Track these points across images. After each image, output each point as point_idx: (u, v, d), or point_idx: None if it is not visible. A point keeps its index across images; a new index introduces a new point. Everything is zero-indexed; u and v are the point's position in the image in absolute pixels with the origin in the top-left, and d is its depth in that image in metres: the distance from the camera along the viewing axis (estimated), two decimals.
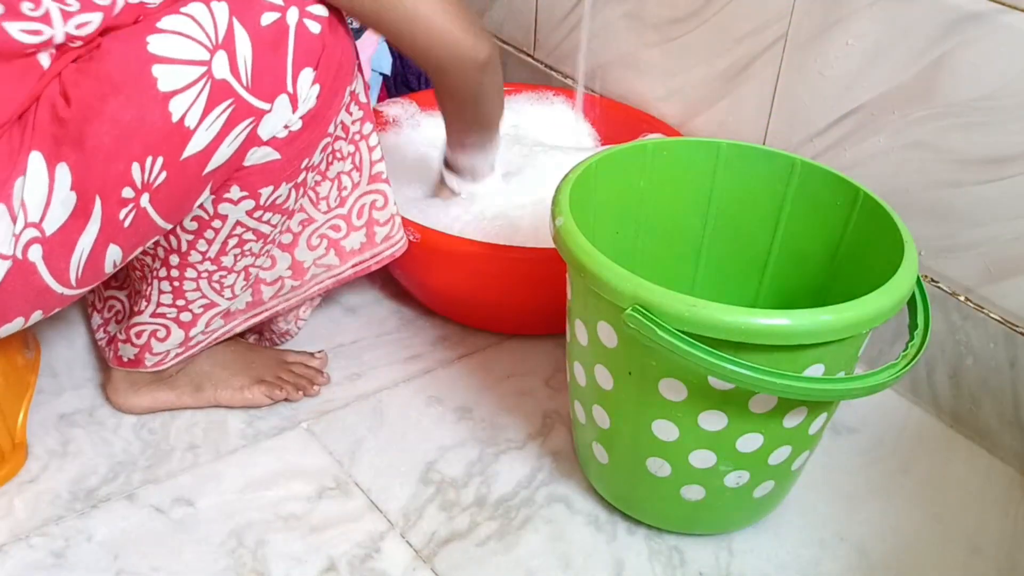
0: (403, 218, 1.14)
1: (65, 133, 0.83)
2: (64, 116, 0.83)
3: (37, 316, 0.91)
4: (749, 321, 0.77)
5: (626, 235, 1.06)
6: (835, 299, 0.81)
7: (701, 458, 0.88)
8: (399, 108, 1.40)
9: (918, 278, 0.87)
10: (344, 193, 1.07)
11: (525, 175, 1.29)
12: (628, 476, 0.95)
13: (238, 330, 1.10)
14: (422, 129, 1.37)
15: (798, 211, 1.02)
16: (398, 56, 1.60)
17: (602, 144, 1.42)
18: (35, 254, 0.85)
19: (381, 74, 1.53)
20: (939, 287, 1.11)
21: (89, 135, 0.83)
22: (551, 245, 0.92)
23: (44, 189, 0.84)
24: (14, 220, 0.84)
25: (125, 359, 1.07)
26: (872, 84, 1.10)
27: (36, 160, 0.83)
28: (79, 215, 0.86)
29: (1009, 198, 1.03)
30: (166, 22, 0.84)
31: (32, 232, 0.84)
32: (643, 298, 0.79)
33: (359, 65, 1.00)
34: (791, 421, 0.86)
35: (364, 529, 0.99)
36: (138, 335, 1.05)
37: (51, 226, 0.85)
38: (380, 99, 1.55)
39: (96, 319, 1.17)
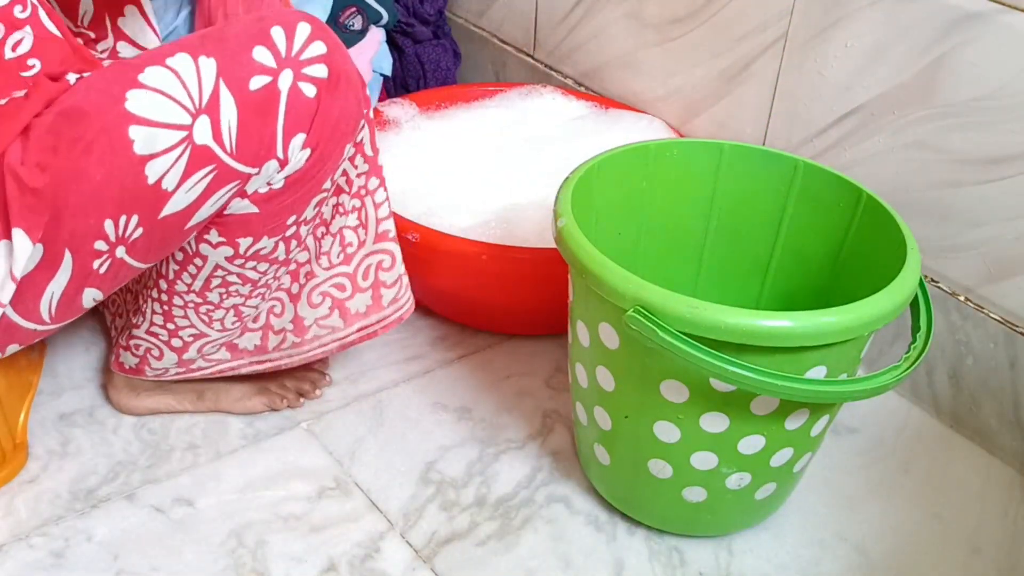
0: (404, 219, 1.14)
1: (40, 202, 0.79)
2: (37, 186, 0.79)
3: (14, 348, 0.90)
4: (750, 323, 0.77)
5: (628, 236, 1.06)
6: (838, 300, 0.81)
7: (703, 460, 0.89)
8: (399, 109, 1.40)
9: (921, 280, 0.87)
10: (349, 250, 1.02)
11: (525, 173, 1.29)
12: (629, 477, 0.95)
13: (243, 371, 1.08)
14: (422, 132, 1.37)
15: (801, 212, 1.02)
16: (398, 58, 1.60)
17: (605, 108, 1.42)
18: (2, 298, 0.83)
19: (381, 75, 1.53)
20: (939, 287, 1.12)
21: (60, 194, 0.79)
22: (551, 245, 0.92)
23: (26, 255, 0.80)
24: None
25: (127, 366, 1.07)
26: (872, 84, 1.10)
27: (20, 236, 0.79)
28: (46, 266, 0.82)
29: (1009, 198, 1.03)
30: (148, 75, 0.79)
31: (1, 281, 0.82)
32: (644, 299, 0.79)
33: (367, 114, 0.94)
34: (793, 423, 0.86)
35: (364, 529, 0.99)
36: (136, 347, 1.05)
37: (17, 272, 0.82)
38: (380, 99, 1.55)
39: (106, 313, 1.17)
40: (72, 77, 0.85)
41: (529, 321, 1.25)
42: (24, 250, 0.81)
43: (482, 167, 1.30)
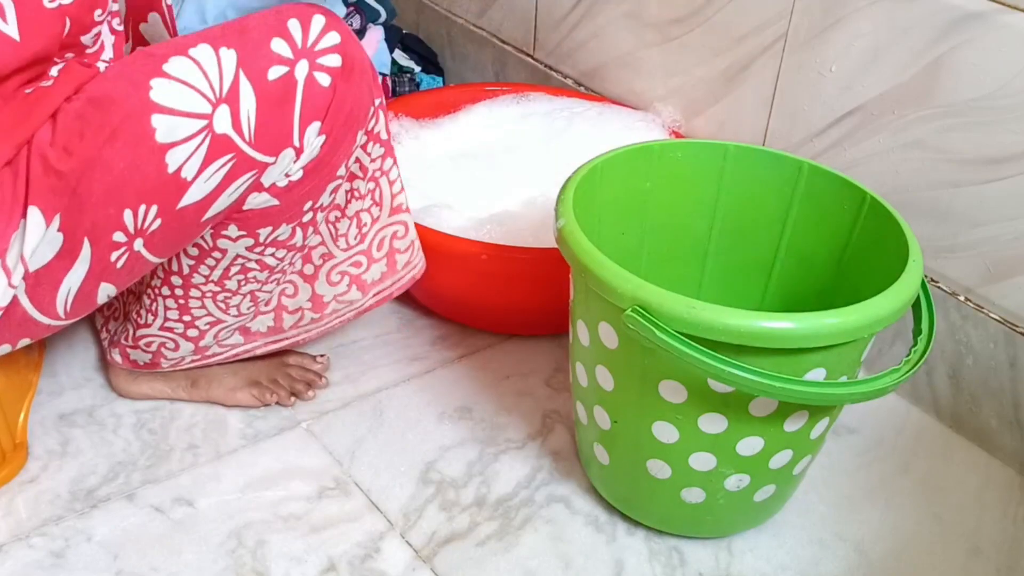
0: None
1: (63, 184, 0.81)
2: (62, 168, 0.81)
3: (24, 342, 0.91)
4: (749, 323, 0.77)
5: (631, 236, 1.06)
6: (841, 302, 0.81)
7: (701, 461, 0.88)
8: (396, 126, 1.39)
9: (923, 282, 0.87)
10: (364, 229, 1.05)
11: (526, 173, 1.29)
12: (629, 478, 0.96)
13: (258, 352, 1.10)
14: (422, 132, 1.37)
15: (804, 214, 1.02)
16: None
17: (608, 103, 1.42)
18: (19, 288, 0.84)
19: (381, 74, 1.53)
20: (939, 287, 1.11)
21: (83, 182, 0.81)
22: (551, 245, 0.92)
23: (38, 238, 0.82)
24: (8, 275, 0.83)
25: (141, 363, 1.08)
26: (872, 84, 1.10)
27: (35, 215, 0.81)
28: (65, 256, 0.84)
29: (1009, 198, 1.03)
30: (172, 65, 0.82)
31: (20, 268, 0.83)
32: (643, 299, 0.79)
33: (380, 103, 0.96)
34: (792, 425, 0.86)
35: (364, 529, 0.99)
36: (148, 345, 1.05)
37: (35, 263, 0.83)
38: None
39: (98, 318, 1.17)
40: (102, 64, 0.87)
41: (529, 321, 1.25)
42: (36, 230, 0.82)
43: (482, 167, 1.30)
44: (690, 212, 1.07)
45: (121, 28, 0.94)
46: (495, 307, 1.23)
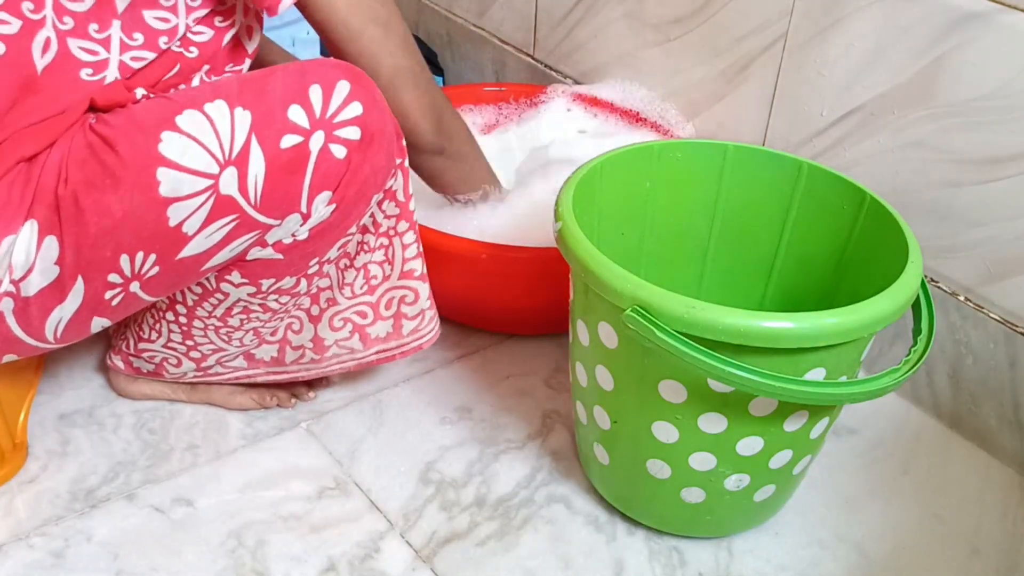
0: None
1: (58, 208, 0.81)
2: (60, 193, 0.81)
3: (10, 358, 0.91)
4: (748, 323, 0.77)
5: (632, 237, 1.06)
6: (841, 302, 0.81)
7: (701, 460, 0.88)
8: None
9: (923, 282, 0.87)
10: (373, 283, 1.02)
11: (526, 172, 1.29)
12: (628, 477, 0.96)
13: (259, 380, 1.10)
14: None
15: (805, 214, 1.02)
16: None
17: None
18: (5, 306, 0.84)
19: None
20: (939, 287, 1.11)
21: (80, 220, 0.81)
22: (551, 245, 0.92)
23: (30, 254, 0.82)
24: None
25: (144, 371, 1.08)
26: (872, 84, 1.10)
27: (29, 227, 0.81)
28: (58, 288, 0.84)
29: (1009, 198, 1.02)
30: (185, 119, 0.81)
31: (7, 286, 0.83)
32: (642, 299, 0.79)
33: (401, 164, 0.94)
34: (792, 425, 0.86)
35: (364, 529, 0.99)
36: (151, 358, 1.06)
37: (28, 289, 0.83)
38: None
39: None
40: (140, 92, 0.87)
41: (529, 321, 1.25)
42: (29, 241, 0.81)
43: None
44: (690, 212, 1.07)
45: (225, 24, 0.92)
46: (495, 307, 1.23)
